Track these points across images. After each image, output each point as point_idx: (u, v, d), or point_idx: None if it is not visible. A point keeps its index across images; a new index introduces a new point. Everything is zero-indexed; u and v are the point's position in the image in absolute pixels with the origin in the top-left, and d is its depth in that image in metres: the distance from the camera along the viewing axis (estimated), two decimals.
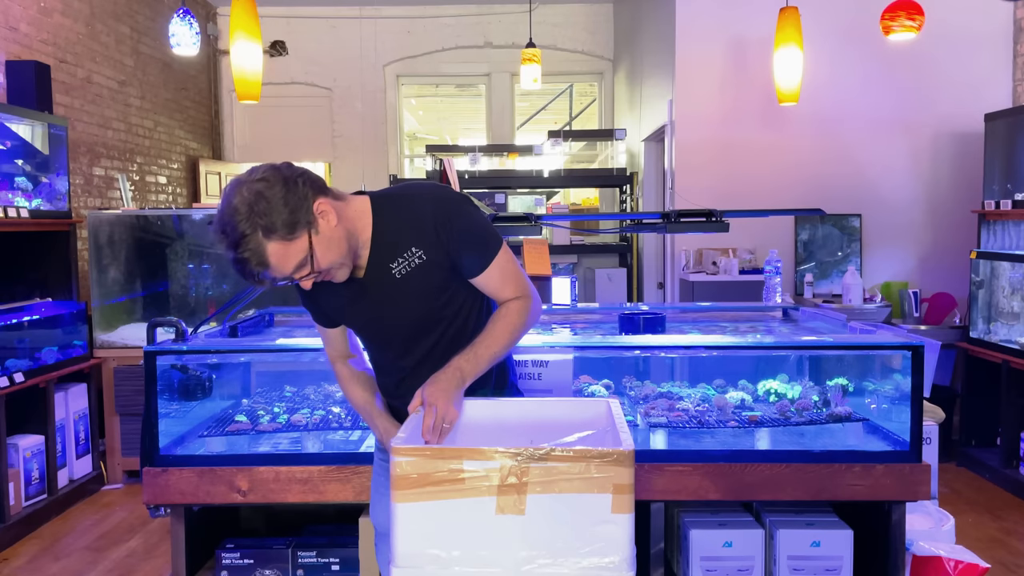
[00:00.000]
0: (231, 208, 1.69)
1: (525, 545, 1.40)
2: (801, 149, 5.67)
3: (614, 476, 1.36)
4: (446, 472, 1.40)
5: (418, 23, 8.59)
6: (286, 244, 1.69)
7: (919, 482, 2.47)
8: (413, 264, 1.83)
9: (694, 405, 2.82)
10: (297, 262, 1.72)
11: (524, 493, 1.39)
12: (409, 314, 1.88)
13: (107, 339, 4.99)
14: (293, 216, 1.69)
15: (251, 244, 1.68)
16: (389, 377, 2.00)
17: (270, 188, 1.69)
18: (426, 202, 1.84)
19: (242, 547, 2.72)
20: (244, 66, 4.34)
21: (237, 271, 1.73)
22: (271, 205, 1.67)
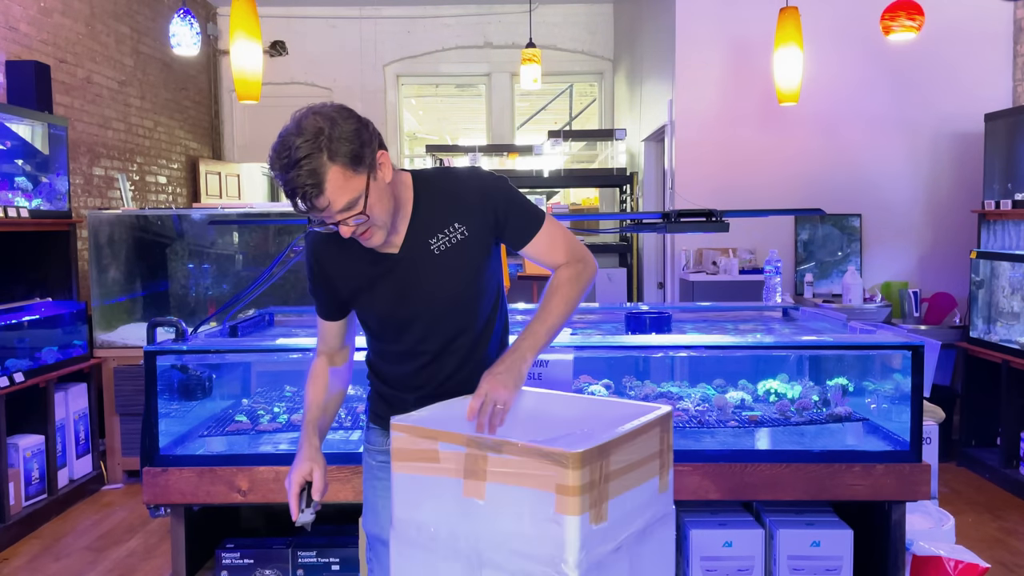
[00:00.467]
0: (298, 128, 1.65)
1: (484, 529, 1.45)
2: (801, 149, 5.67)
3: (556, 476, 1.36)
4: (426, 451, 1.51)
5: (418, 23, 8.59)
6: (347, 175, 1.64)
7: (919, 482, 2.47)
8: (454, 240, 1.82)
9: (694, 405, 2.82)
10: (350, 199, 1.66)
11: (483, 480, 1.44)
12: (442, 292, 1.84)
13: (107, 339, 4.99)
14: (361, 150, 1.66)
15: (312, 164, 1.62)
16: (405, 366, 1.92)
17: (344, 119, 1.67)
18: (472, 177, 1.88)
19: (242, 547, 2.72)
20: (244, 66, 4.34)
21: (289, 194, 1.67)
22: (343, 132, 1.65)
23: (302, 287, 5.20)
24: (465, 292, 1.86)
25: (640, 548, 1.51)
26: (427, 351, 1.88)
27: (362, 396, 2.98)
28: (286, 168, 1.64)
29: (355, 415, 2.80)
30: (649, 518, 1.53)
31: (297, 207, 1.68)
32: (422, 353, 1.89)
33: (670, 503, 1.60)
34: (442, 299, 1.84)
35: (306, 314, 3.64)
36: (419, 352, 1.89)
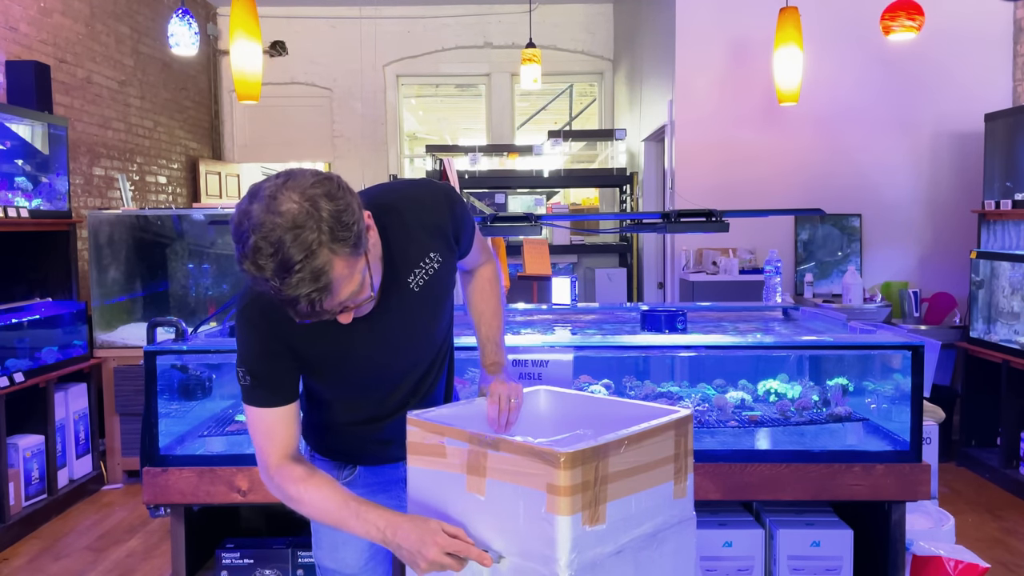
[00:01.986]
0: (278, 220, 1.30)
1: (485, 525, 1.47)
2: (801, 149, 5.67)
3: (546, 475, 1.36)
4: (435, 446, 1.53)
5: (418, 23, 8.59)
6: (350, 263, 1.36)
7: (919, 482, 2.47)
8: (431, 271, 1.64)
9: (694, 405, 2.82)
10: (357, 284, 1.40)
11: (484, 476, 1.46)
12: (424, 330, 1.71)
13: (107, 339, 4.99)
14: (359, 227, 1.36)
15: (314, 262, 1.31)
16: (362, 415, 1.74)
17: (328, 196, 1.34)
18: (437, 201, 1.67)
19: (242, 547, 2.72)
20: (244, 66, 4.34)
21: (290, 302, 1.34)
22: (336, 207, 1.33)
23: None
24: (443, 323, 1.77)
25: (650, 553, 1.50)
26: (398, 387, 1.74)
27: None
28: (281, 272, 1.30)
29: None
30: (661, 523, 1.52)
31: (296, 314, 1.37)
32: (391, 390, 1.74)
33: (689, 509, 1.59)
34: (423, 336, 1.71)
35: None
36: (388, 391, 1.74)
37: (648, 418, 1.54)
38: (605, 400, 1.86)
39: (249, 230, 1.31)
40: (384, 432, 1.78)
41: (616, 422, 1.52)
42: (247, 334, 1.57)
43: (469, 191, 7.04)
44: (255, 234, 1.30)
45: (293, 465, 1.57)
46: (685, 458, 1.57)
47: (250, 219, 1.31)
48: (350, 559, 1.86)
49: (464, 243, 1.78)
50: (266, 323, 1.54)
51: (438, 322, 1.76)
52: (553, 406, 1.79)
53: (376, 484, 1.85)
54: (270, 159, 9.31)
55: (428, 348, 1.77)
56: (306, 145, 8.75)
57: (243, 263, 1.33)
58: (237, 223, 1.34)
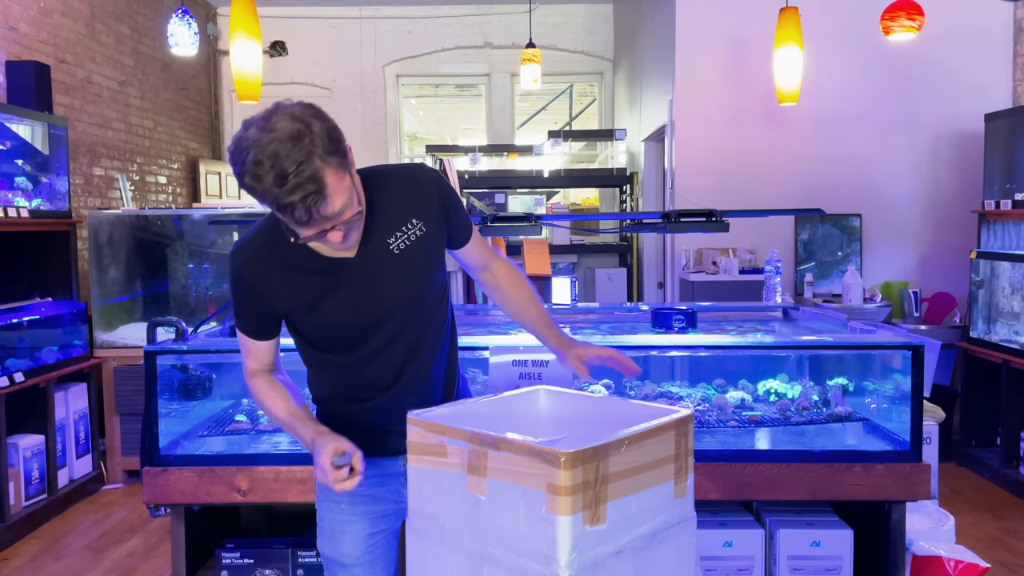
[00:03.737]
0: (276, 135, 1.47)
1: (485, 525, 1.47)
2: (801, 149, 5.67)
3: (546, 475, 1.36)
4: (435, 445, 1.53)
5: (418, 23, 8.59)
6: (340, 174, 1.52)
7: (919, 482, 2.47)
8: (413, 237, 1.74)
9: (694, 405, 2.82)
10: (347, 197, 1.54)
11: (484, 476, 1.45)
12: (403, 293, 1.76)
13: (107, 339, 4.99)
14: (341, 145, 1.54)
15: (309, 169, 1.47)
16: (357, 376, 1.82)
17: (317, 116, 1.52)
18: (423, 171, 1.83)
19: (242, 547, 2.72)
20: (244, 66, 4.34)
21: (284, 208, 1.49)
22: (325, 129, 1.51)
23: None
24: (423, 293, 1.81)
25: (650, 553, 1.50)
26: (383, 357, 1.80)
27: None
28: (279, 180, 1.46)
29: None
30: (661, 523, 1.52)
31: (295, 221, 1.52)
32: (377, 360, 1.80)
33: (689, 509, 1.59)
34: (404, 300, 1.77)
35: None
36: (374, 360, 1.80)
37: (648, 418, 1.54)
38: (605, 400, 1.86)
39: (247, 148, 1.48)
40: (375, 415, 1.82)
41: (617, 422, 1.52)
42: (232, 280, 1.77)
43: (469, 191, 7.04)
44: (253, 150, 1.47)
45: (261, 377, 1.84)
46: (685, 458, 1.57)
47: (247, 140, 1.49)
48: (347, 549, 1.88)
49: (457, 224, 1.85)
50: (244, 278, 1.74)
51: (422, 293, 1.80)
52: (553, 406, 1.79)
53: (375, 476, 1.85)
54: None
55: (410, 321, 1.79)
56: None
57: (243, 178, 1.50)
58: (235, 147, 1.52)
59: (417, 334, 1.82)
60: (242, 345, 1.85)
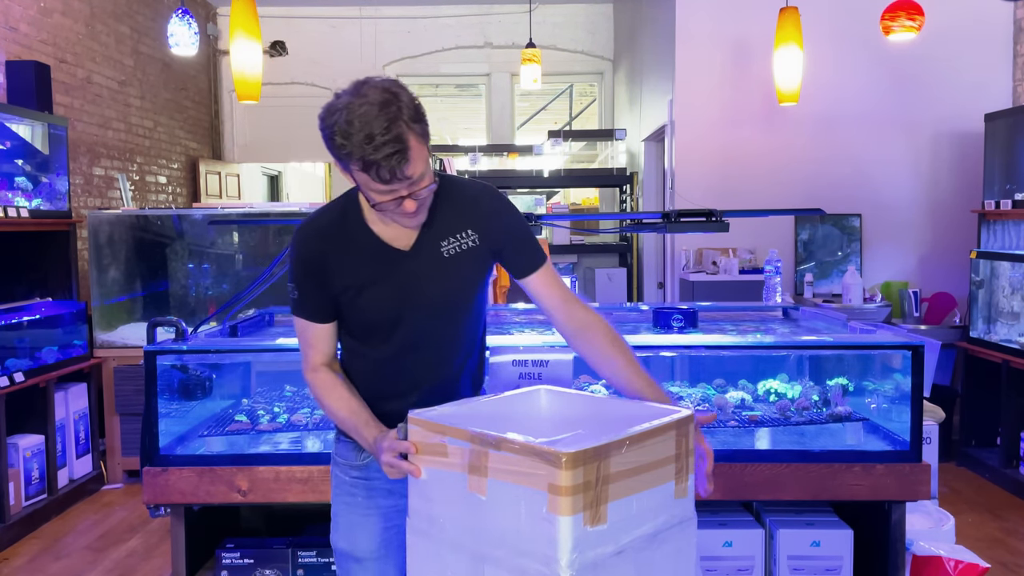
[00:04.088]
0: (366, 100, 1.59)
1: (486, 525, 1.47)
2: (801, 149, 5.67)
3: (547, 475, 1.36)
4: (436, 445, 1.53)
5: (418, 23, 8.59)
6: (421, 143, 1.63)
7: (919, 482, 2.47)
8: (465, 246, 1.81)
9: (694, 405, 2.82)
10: (424, 166, 1.64)
11: (485, 476, 1.45)
12: (443, 297, 1.81)
13: (107, 339, 4.99)
14: (424, 118, 1.65)
15: (396, 131, 1.57)
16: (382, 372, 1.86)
17: (403, 87, 1.65)
18: (494, 195, 1.87)
19: (242, 547, 2.72)
20: (244, 66, 4.34)
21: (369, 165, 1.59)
22: (409, 101, 1.62)
23: None
24: (463, 300, 1.85)
25: (650, 553, 1.50)
26: (410, 357, 1.83)
27: None
28: (368, 139, 1.57)
29: None
30: (662, 523, 1.52)
31: (378, 178, 1.61)
32: (408, 356, 1.83)
33: (690, 509, 1.59)
34: (442, 303, 1.82)
35: None
36: (404, 356, 1.83)
37: (649, 418, 1.54)
38: (606, 399, 1.86)
39: (340, 111, 1.60)
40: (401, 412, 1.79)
41: (617, 422, 1.52)
42: (294, 256, 1.82)
43: None
44: (345, 111, 1.59)
45: (324, 373, 1.85)
46: (686, 458, 1.57)
47: (339, 105, 1.61)
48: (363, 543, 1.89)
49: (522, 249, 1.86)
50: (309, 252, 1.80)
51: (461, 301, 1.84)
52: (553, 405, 1.79)
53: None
54: (270, 159, 9.32)
55: (446, 325, 1.84)
56: (306, 145, 8.74)
57: (334, 139, 1.61)
58: (326, 112, 1.64)
59: (450, 340, 1.86)
60: (302, 338, 1.87)
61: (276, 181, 10.32)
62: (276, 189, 10.32)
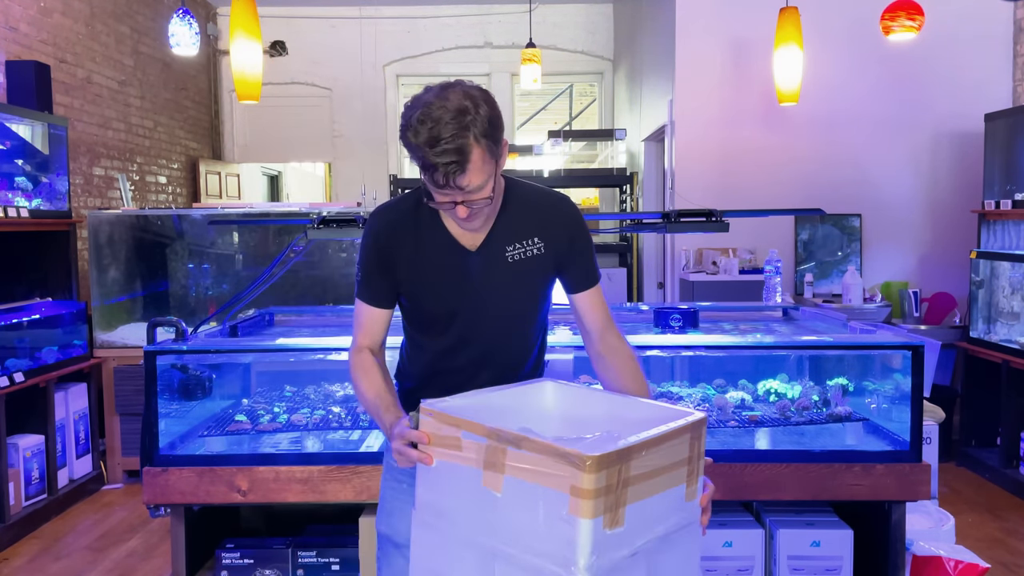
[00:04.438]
0: (445, 103, 1.60)
1: (499, 522, 1.45)
2: (801, 149, 5.67)
3: (571, 478, 1.34)
4: (450, 438, 1.50)
5: (418, 23, 8.59)
6: (486, 157, 1.64)
7: (919, 482, 2.47)
8: (530, 253, 1.83)
9: (694, 405, 2.82)
10: (484, 179, 1.65)
11: (502, 473, 1.43)
12: (502, 301, 1.84)
13: (107, 339, 4.99)
14: (498, 135, 1.66)
15: (460, 141, 1.59)
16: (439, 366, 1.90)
17: (486, 100, 1.65)
18: (565, 206, 1.88)
19: (242, 547, 2.72)
20: (244, 66, 4.34)
21: (430, 167, 1.62)
22: (487, 114, 1.63)
23: (302, 287, 5.21)
24: (522, 307, 1.87)
25: (660, 556, 1.49)
26: (465, 353, 1.87)
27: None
28: (432, 142, 1.60)
29: (355, 415, 2.80)
30: (672, 526, 1.51)
31: (432, 182, 1.65)
32: (459, 356, 1.88)
33: (697, 512, 1.58)
34: (498, 306, 1.85)
35: (306, 314, 3.64)
36: (457, 352, 1.88)
37: (663, 420, 1.52)
38: (615, 397, 1.84)
39: (418, 108, 1.62)
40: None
41: (633, 423, 1.50)
42: (365, 242, 1.87)
43: None
44: (423, 109, 1.61)
45: (364, 355, 1.88)
46: (697, 461, 1.56)
47: (420, 103, 1.62)
48: (403, 527, 1.88)
49: (581, 264, 1.88)
50: (379, 237, 1.85)
51: (521, 308, 1.87)
52: (563, 400, 1.77)
53: None
54: (270, 159, 9.32)
55: (503, 328, 1.86)
56: (306, 145, 8.75)
57: (405, 131, 1.63)
58: (409, 106, 1.65)
59: (506, 342, 1.88)
60: (356, 319, 1.92)
61: (276, 181, 10.32)
62: (276, 189, 10.32)
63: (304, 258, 5.03)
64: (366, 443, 2.63)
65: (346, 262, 5.25)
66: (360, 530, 2.54)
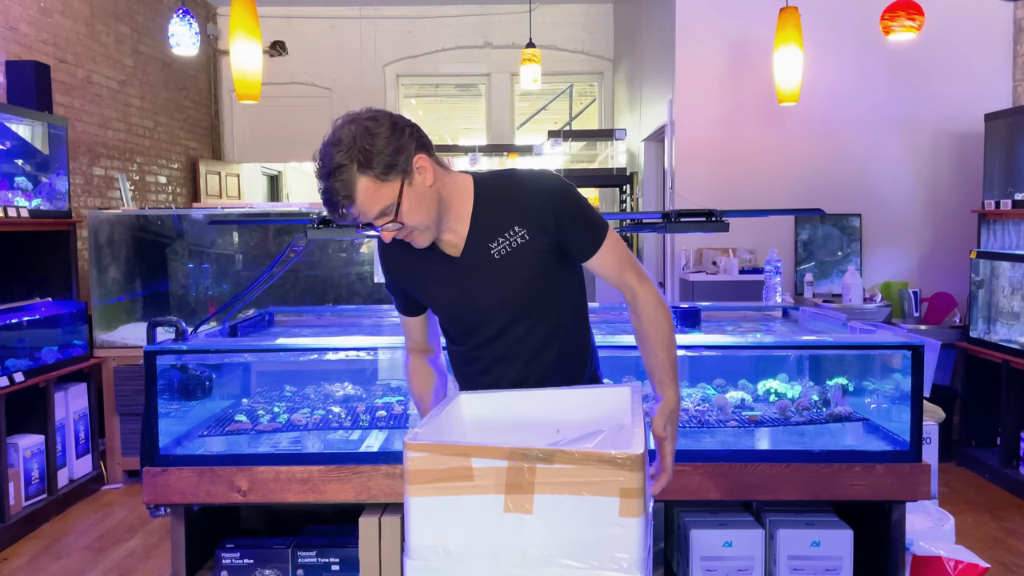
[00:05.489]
0: (335, 139, 1.70)
1: (533, 543, 1.39)
2: (801, 149, 5.67)
3: (621, 481, 1.33)
4: (457, 469, 1.41)
5: (418, 23, 8.59)
6: (377, 185, 1.68)
7: (919, 482, 2.47)
8: (514, 244, 1.81)
9: (694, 405, 2.82)
10: (383, 207, 1.70)
11: (531, 493, 1.38)
12: (503, 297, 1.84)
13: (107, 339, 4.99)
14: (391, 159, 1.68)
15: (344, 175, 1.66)
16: (472, 367, 1.94)
17: (377, 126, 1.70)
18: (538, 179, 1.87)
19: (242, 547, 2.72)
20: (244, 66, 4.34)
21: (324, 201, 1.71)
22: (373, 141, 1.67)
23: (302, 287, 5.21)
24: (522, 299, 1.85)
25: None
26: (494, 353, 1.88)
27: (362, 396, 2.98)
28: (322, 177, 1.69)
29: (355, 415, 2.80)
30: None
31: (335, 215, 1.73)
32: (484, 358, 1.90)
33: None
34: (504, 304, 1.84)
35: (306, 314, 3.64)
36: (482, 356, 1.90)
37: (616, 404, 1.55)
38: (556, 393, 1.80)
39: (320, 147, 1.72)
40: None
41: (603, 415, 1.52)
42: (379, 256, 1.98)
43: None
44: (320, 149, 1.71)
45: (414, 357, 2.04)
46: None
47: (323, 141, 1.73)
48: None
49: (575, 236, 1.84)
50: (383, 253, 1.94)
51: (524, 300, 1.85)
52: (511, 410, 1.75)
53: None
54: (270, 159, 9.31)
55: (520, 324, 1.86)
56: (306, 145, 8.68)
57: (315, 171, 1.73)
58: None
59: (530, 336, 1.87)
60: (401, 324, 2.06)
61: (276, 181, 10.32)
62: (276, 189, 10.32)
63: (304, 258, 5.04)
64: (366, 443, 2.63)
65: (346, 262, 5.25)
66: (360, 530, 2.54)
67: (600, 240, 1.86)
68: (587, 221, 1.85)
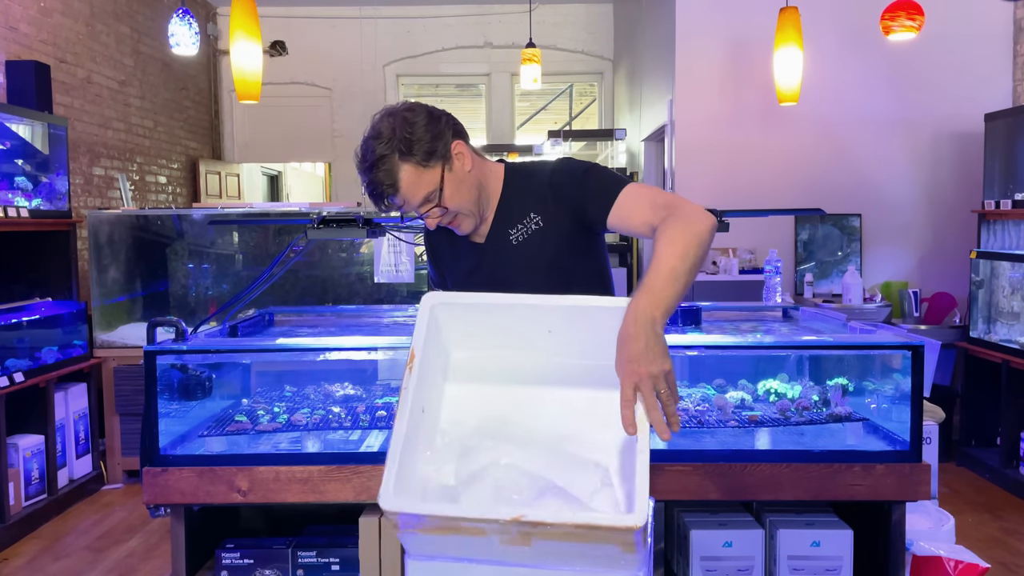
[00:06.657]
0: (375, 131, 1.76)
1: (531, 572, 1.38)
2: (801, 149, 5.67)
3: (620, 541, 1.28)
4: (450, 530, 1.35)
5: (418, 23, 8.59)
6: (419, 171, 1.74)
7: (919, 482, 2.47)
8: (530, 230, 1.87)
9: (694, 405, 2.82)
10: (426, 193, 1.76)
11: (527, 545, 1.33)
12: (522, 282, 1.82)
13: (107, 339, 4.99)
14: (431, 145, 1.75)
15: (386, 165, 1.73)
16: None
17: (414, 116, 1.76)
18: (546, 166, 1.92)
19: (242, 547, 2.72)
20: (244, 66, 4.34)
21: (369, 193, 1.77)
22: (412, 130, 1.74)
23: (302, 287, 5.21)
24: (542, 284, 1.79)
25: None
26: None
27: (362, 396, 2.98)
28: (365, 171, 1.76)
29: (355, 415, 2.80)
30: None
31: (380, 206, 1.80)
32: None
33: None
34: (521, 290, 1.76)
35: (306, 314, 3.63)
36: None
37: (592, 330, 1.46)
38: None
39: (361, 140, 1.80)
40: None
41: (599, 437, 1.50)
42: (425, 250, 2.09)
43: None
44: (360, 144, 1.79)
45: None
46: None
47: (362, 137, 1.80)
48: None
49: (594, 210, 1.78)
50: (426, 241, 2.07)
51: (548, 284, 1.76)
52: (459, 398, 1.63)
53: None
54: (270, 159, 9.32)
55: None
56: (306, 145, 8.75)
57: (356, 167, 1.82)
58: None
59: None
60: None
61: (276, 181, 10.32)
62: (276, 189, 10.32)
63: (304, 258, 5.04)
64: (366, 443, 2.62)
65: (346, 262, 5.25)
66: (360, 530, 2.54)
67: (611, 196, 1.74)
68: (597, 186, 1.77)
